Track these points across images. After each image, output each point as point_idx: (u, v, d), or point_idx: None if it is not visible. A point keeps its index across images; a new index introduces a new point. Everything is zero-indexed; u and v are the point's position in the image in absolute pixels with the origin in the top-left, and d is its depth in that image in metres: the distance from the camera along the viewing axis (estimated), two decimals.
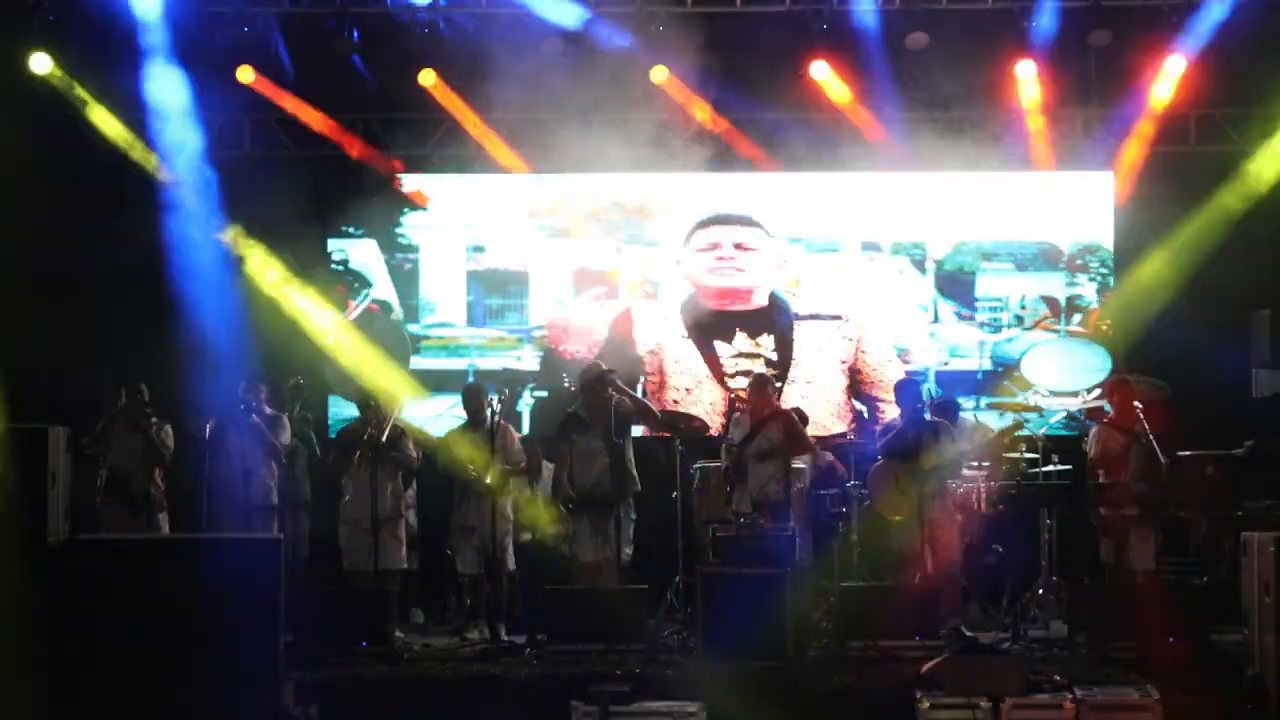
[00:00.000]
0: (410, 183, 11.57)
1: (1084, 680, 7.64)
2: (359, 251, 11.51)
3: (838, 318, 10.61)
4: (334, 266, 11.68)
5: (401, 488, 9.88)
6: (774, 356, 9.90)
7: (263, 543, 7.02)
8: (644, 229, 11.06)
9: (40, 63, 11.01)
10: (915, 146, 11.56)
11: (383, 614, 8.70)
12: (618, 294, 10.95)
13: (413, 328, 11.53)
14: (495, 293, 11.19)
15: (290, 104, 11.52)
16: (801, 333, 10.50)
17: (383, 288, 11.38)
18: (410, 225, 11.53)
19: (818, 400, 10.67)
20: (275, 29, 11.22)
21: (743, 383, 9.60)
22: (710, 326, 10.53)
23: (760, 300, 10.35)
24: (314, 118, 11.57)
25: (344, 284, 11.40)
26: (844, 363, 10.48)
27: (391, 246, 11.53)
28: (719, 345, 10.10)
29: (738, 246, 10.27)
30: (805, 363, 10.43)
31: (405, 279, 11.54)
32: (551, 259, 11.10)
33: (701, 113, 11.15)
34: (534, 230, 11.25)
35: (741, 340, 10.13)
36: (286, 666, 7.12)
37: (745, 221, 10.35)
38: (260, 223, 11.40)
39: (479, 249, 11.33)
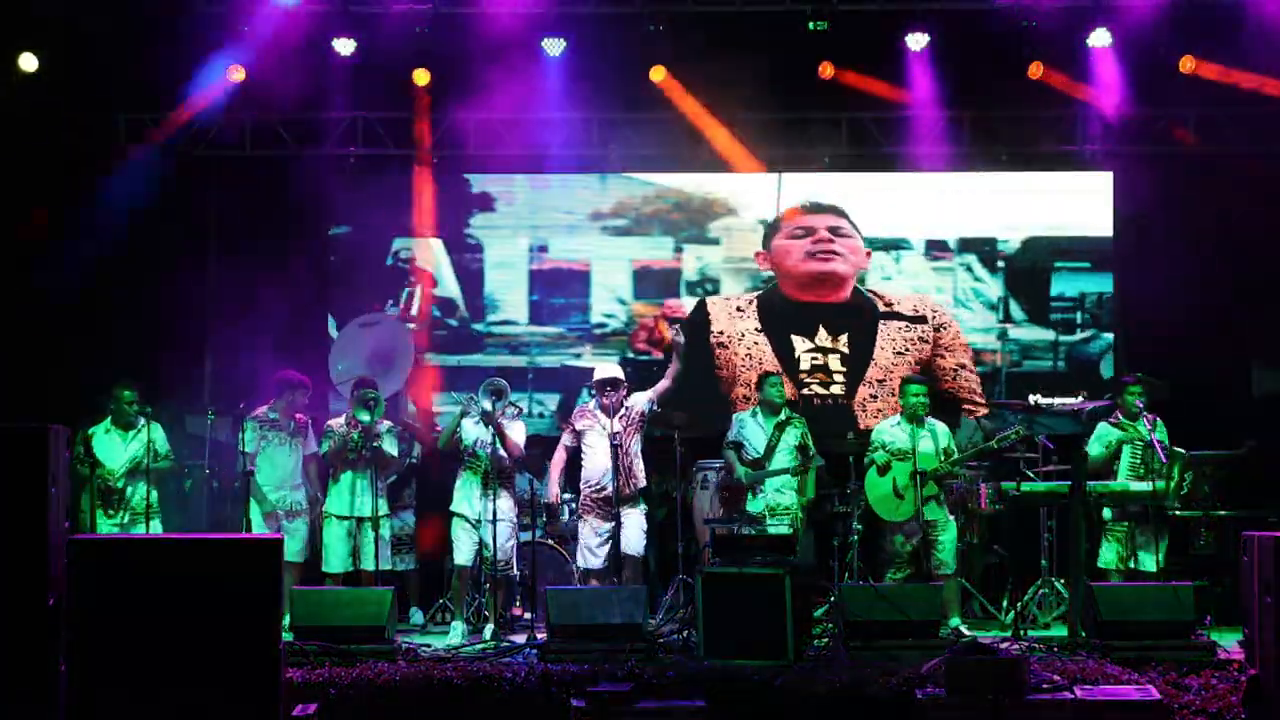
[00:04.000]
0: (477, 183, 11.94)
1: (1084, 680, 7.64)
2: (424, 250, 11.85)
3: (921, 320, 10.64)
4: (400, 265, 11.94)
5: (385, 488, 9.87)
6: (848, 352, 9.89)
7: (263, 543, 6.99)
8: (706, 228, 11.65)
9: (28, 62, 11.00)
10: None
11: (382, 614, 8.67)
12: (678, 292, 11.38)
13: (477, 325, 11.82)
14: (558, 292, 11.60)
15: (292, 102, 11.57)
16: (884, 333, 10.57)
17: (448, 286, 11.82)
18: (475, 225, 11.87)
19: (886, 401, 10.83)
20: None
21: (813, 378, 9.74)
22: (790, 320, 10.59)
23: (845, 295, 10.39)
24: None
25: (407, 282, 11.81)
26: (918, 365, 10.49)
27: (458, 246, 11.82)
28: (795, 340, 10.17)
29: (833, 231, 10.40)
30: (881, 363, 10.49)
31: (470, 278, 11.84)
32: (613, 257, 11.61)
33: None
34: (595, 230, 11.71)
35: (822, 335, 10.15)
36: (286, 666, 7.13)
37: (837, 211, 10.54)
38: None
39: (542, 248, 11.70)
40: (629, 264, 11.72)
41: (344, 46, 11.27)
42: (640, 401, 9.73)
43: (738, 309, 10.65)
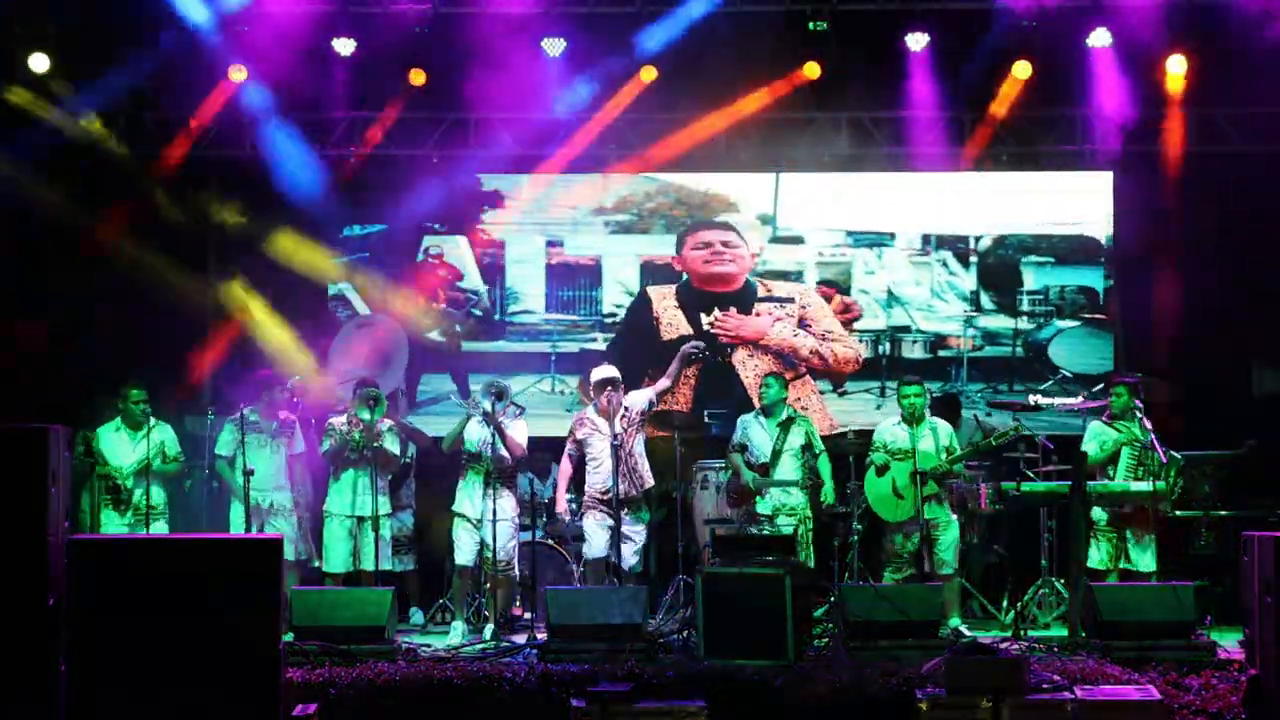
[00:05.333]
0: (489, 183, 12.31)
1: (1084, 680, 7.64)
2: (452, 247, 12.28)
3: (790, 300, 11.92)
4: (430, 260, 12.20)
5: (386, 487, 9.87)
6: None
7: (263, 543, 7.00)
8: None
9: (39, 62, 11.01)
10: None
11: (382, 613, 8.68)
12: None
13: (497, 316, 12.29)
14: (571, 284, 12.26)
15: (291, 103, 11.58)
16: (756, 309, 12.01)
17: (473, 279, 12.31)
18: (492, 222, 12.25)
19: (761, 360, 11.86)
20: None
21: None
22: (696, 301, 12.04)
23: (738, 285, 11.97)
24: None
25: (438, 277, 12.24)
26: (788, 339, 11.86)
27: (478, 242, 12.22)
28: (701, 315, 11.89)
29: (724, 244, 11.97)
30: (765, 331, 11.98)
31: (490, 271, 12.29)
32: (620, 253, 12.27)
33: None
34: (600, 225, 12.26)
35: (716, 313, 11.84)
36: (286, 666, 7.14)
37: (726, 227, 12.02)
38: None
39: (554, 244, 12.22)
40: (636, 258, 12.23)
41: (344, 46, 11.27)
42: (639, 401, 9.71)
43: (664, 295, 11.98)
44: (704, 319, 11.69)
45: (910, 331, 12.01)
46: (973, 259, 12.05)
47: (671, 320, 11.88)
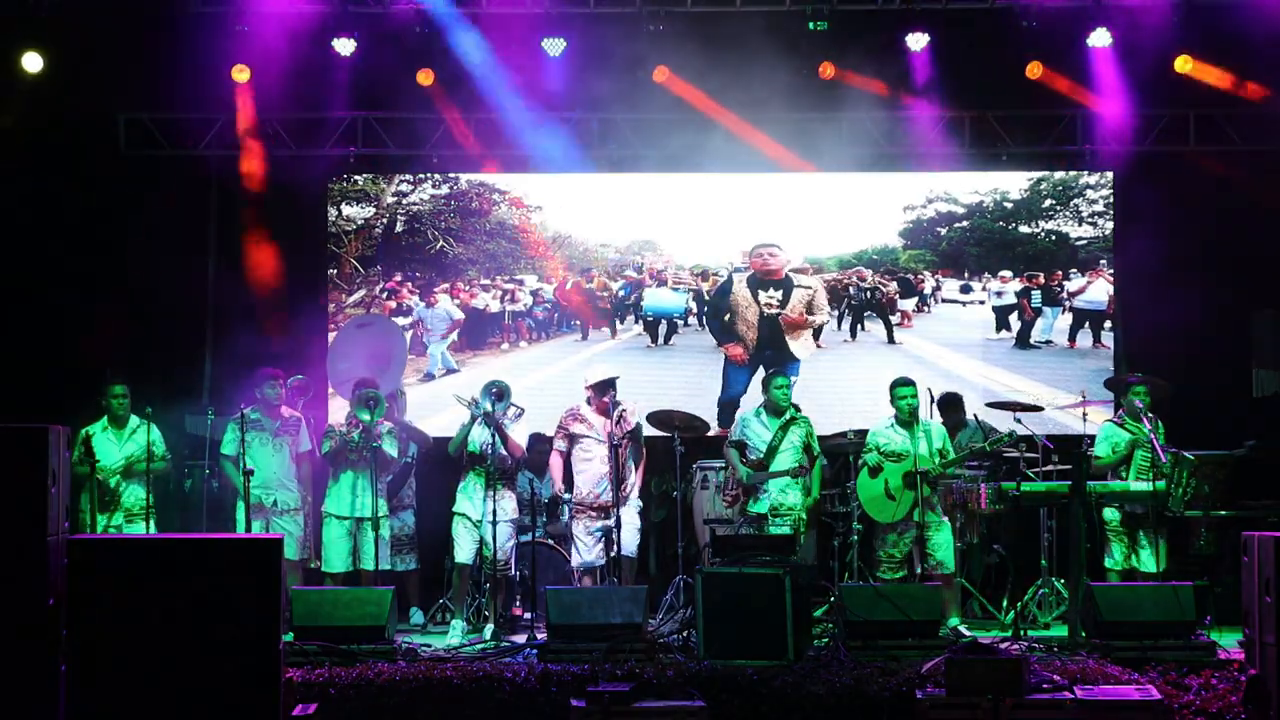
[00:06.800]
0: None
1: (1084, 680, 7.64)
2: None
3: (807, 287, 12.61)
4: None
5: (384, 488, 9.88)
6: (780, 299, 12.51)
7: (263, 543, 7.00)
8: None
9: (32, 62, 11.01)
10: (919, 145, 11.71)
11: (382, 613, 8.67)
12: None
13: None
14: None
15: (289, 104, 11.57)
16: (792, 294, 12.67)
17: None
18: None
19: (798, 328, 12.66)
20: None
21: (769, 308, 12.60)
22: (758, 287, 12.51)
23: (781, 275, 12.61)
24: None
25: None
26: (802, 304, 12.59)
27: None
28: (760, 293, 12.54)
29: (771, 254, 12.60)
30: (797, 302, 12.59)
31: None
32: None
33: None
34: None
35: (769, 292, 12.52)
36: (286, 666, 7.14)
37: (774, 245, 12.61)
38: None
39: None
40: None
41: (344, 46, 11.27)
42: (641, 423, 9.80)
43: (740, 280, 12.54)
44: (762, 297, 12.52)
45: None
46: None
47: (745, 297, 12.66)
